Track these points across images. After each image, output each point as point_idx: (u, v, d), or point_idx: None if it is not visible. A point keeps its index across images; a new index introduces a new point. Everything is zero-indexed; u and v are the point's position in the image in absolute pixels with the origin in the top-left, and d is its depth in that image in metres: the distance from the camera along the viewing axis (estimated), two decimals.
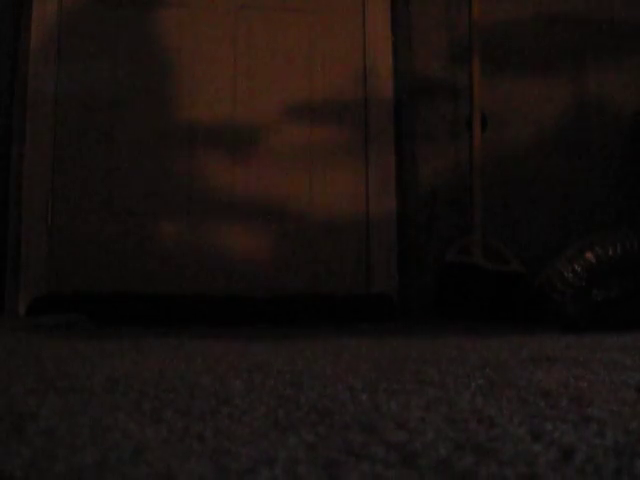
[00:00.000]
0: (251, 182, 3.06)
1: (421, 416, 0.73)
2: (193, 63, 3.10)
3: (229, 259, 3.02)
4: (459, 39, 3.09)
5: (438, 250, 2.99)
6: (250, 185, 3.06)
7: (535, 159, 3.08)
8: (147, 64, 3.08)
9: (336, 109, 3.12)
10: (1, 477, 0.50)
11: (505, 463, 0.54)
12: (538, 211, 3.06)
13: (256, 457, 0.56)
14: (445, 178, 3.06)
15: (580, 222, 3.05)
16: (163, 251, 3.00)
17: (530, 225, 3.05)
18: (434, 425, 0.68)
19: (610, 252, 2.64)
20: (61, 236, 2.97)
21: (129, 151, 3.04)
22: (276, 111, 3.10)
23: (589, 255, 2.64)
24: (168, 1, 3.11)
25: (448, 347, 1.53)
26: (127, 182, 3.02)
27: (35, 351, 1.46)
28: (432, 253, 3.01)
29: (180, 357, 1.33)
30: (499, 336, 1.90)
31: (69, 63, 3.04)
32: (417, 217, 3.05)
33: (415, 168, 3.07)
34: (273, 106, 3.11)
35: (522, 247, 2.98)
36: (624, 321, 2.25)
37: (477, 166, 2.88)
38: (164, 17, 3.10)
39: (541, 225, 3.05)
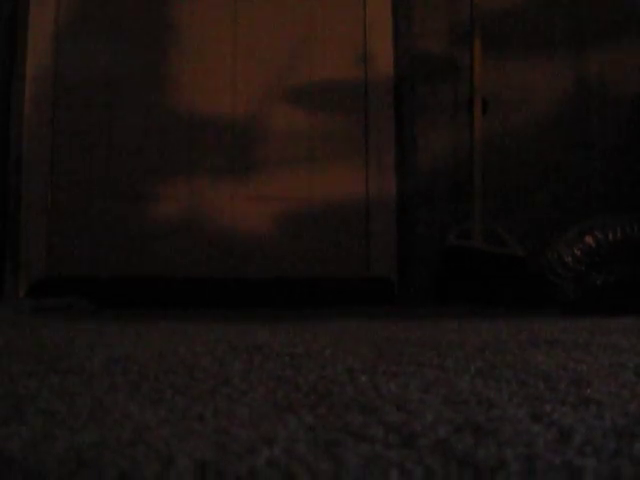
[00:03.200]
0: (251, 165, 3.06)
1: (420, 398, 0.73)
2: (193, 45, 3.08)
3: (230, 242, 3.02)
4: (460, 21, 3.08)
5: (438, 234, 2.99)
6: (250, 168, 3.05)
7: (536, 142, 3.07)
8: (146, 45, 3.06)
9: (336, 91, 3.11)
10: (1, 458, 0.50)
11: (504, 444, 0.54)
12: (538, 194, 3.05)
13: (256, 437, 0.56)
14: (445, 161, 3.05)
15: (580, 205, 3.04)
16: (164, 233, 2.99)
17: (530, 208, 3.04)
18: (433, 407, 0.68)
19: (610, 236, 2.63)
20: (60, 218, 2.97)
21: (129, 132, 3.03)
22: (276, 94, 3.09)
23: (589, 239, 2.63)
24: None
25: (447, 330, 1.53)
26: (127, 164, 3.02)
27: (35, 333, 1.47)
28: (432, 237, 3.01)
29: (180, 339, 1.33)
30: (498, 319, 1.91)
31: (68, 40, 3.02)
32: (417, 201, 3.04)
33: (415, 151, 3.06)
34: (273, 89, 3.09)
35: (522, 230, 2.98)
36: (623, 305, 2.25)
37: (477, 149, 2.87)
38: None
39: (541, 208, 3.04)
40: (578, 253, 2.62)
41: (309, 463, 0.49)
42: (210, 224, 3.02)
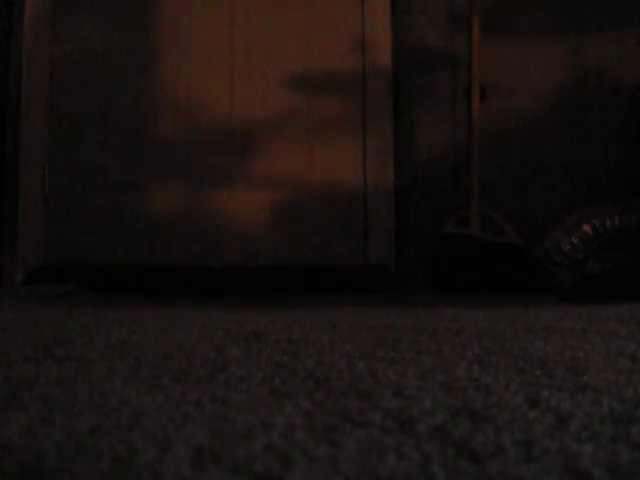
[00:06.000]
0: (249, 154, 3.05)
1: (418, 384, 0.73)
2: (190, 30, 3.06)
3: (227, 229, 3.01)
4: (459, 8, 3.06)
5: (436, 221, 2.99)
6: (248, 156, 3.05)
7: (534, 129, 3.06)
8: (143, 31, 3.05)
9: (334, 80, 3.10)
10: None
11: (501, 430, 0.54)
12: (536, 182, 3.05)
13: (253, 423, 0.56)
14: (443, 149, 3.05)
15: (579, 193, 3.04)
16: (160, 221, 2.99)
17: (528, 197, 3.04)
18: (431, 393, 0.68)
19: (608, 224, 2.63)
20: (58, 207, 2.96)
21: (125, 119, 3.02)
22: (274, 84, 3.08)
23: (587, 227, 2.64)
24: None
25: (445, 317, 1.53)
26: (124, 152, 3.01)
27: (32, 320, 1.47)
28: (430, 224, 3.01)
29: (177, 326, 1.33)
30: (496, 307, 1.91)
31: (65, 27, 3.01)
32: (415, 188, 3.04)
33: (413, 139, 3.05)
34: (271, 78, 3.08)
35: (520, 218, 2.98)
36: (620, 292, 2.26)
37: (475, 137, 2.87)
38: None
39: (539, 197, 3.04)
40: (576, 241, 2.63)
41: (306, 448, 0.49)
42: (207, 211, 3.02)
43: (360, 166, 3.06)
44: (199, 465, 0.45)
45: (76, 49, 3.01)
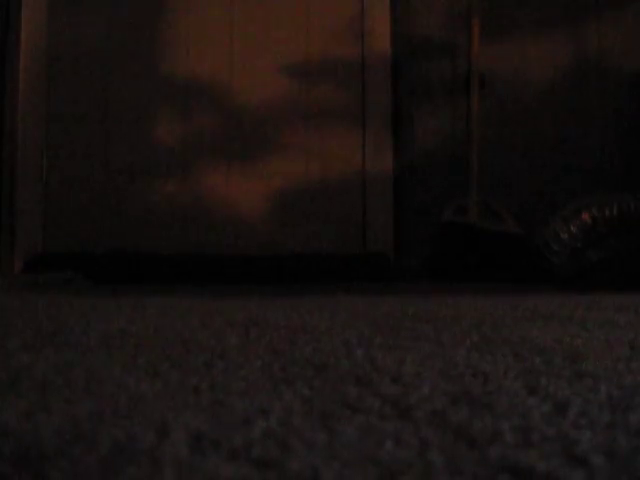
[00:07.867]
0: (247, 142, 3.04)
1: (416, 371, 0.73)
2: (189, 19, 3.05)
3: (226, 218, 3.01)
4: None
5: (435, 210, 2.99)
6: (246, 145, 3.04)
7: (533, 119, 3.06)
8: (142, 19, 3.03)
9: (333, 69, 3.09)
10: None
11: (500, 416, 0.54)
12: (536, 171, 3.05)
13: (251, 409, 0.56)
14: (443, 138, 3.04)
15: (578, 182, 3.04)
16: (159, 210, 2.99)
17: (528, 185, 3.04)
18: (429, 379, 0.68)
19: (607, 213, 2.63)
20: (56, 195, 2.96)
21: (125, 108, 3.01)
22: (273, 72, 3.07)
23: (585, 216, 2.64)
24: None
25: (443, 305, 1.53)
26: (122, 140, 3.00)
27: (31, 307, 1.47)
28: (429, 213, 3.01)
29: (176, 313, 1.33)
30: (495, 295, 1.91)
31: (62, 15, 2.99)
32: (414, 177, 3.04)
33: (412, 128, 3.05)
34: (270, 67, 3.07)
35: (519, 207, 2.98)
36: (619, 281, 2.26)
37: (475, 126, 2.86)
38: None
39: (539, 185, 3.04)
40: (574, 230, 2.63)
41: (305, 434, 0.49)
42: (206, 200, 3.01)
43: (359, 155, 3.06)
44: (197, 451, 0.45)
45: (74, 34, 3.00)
